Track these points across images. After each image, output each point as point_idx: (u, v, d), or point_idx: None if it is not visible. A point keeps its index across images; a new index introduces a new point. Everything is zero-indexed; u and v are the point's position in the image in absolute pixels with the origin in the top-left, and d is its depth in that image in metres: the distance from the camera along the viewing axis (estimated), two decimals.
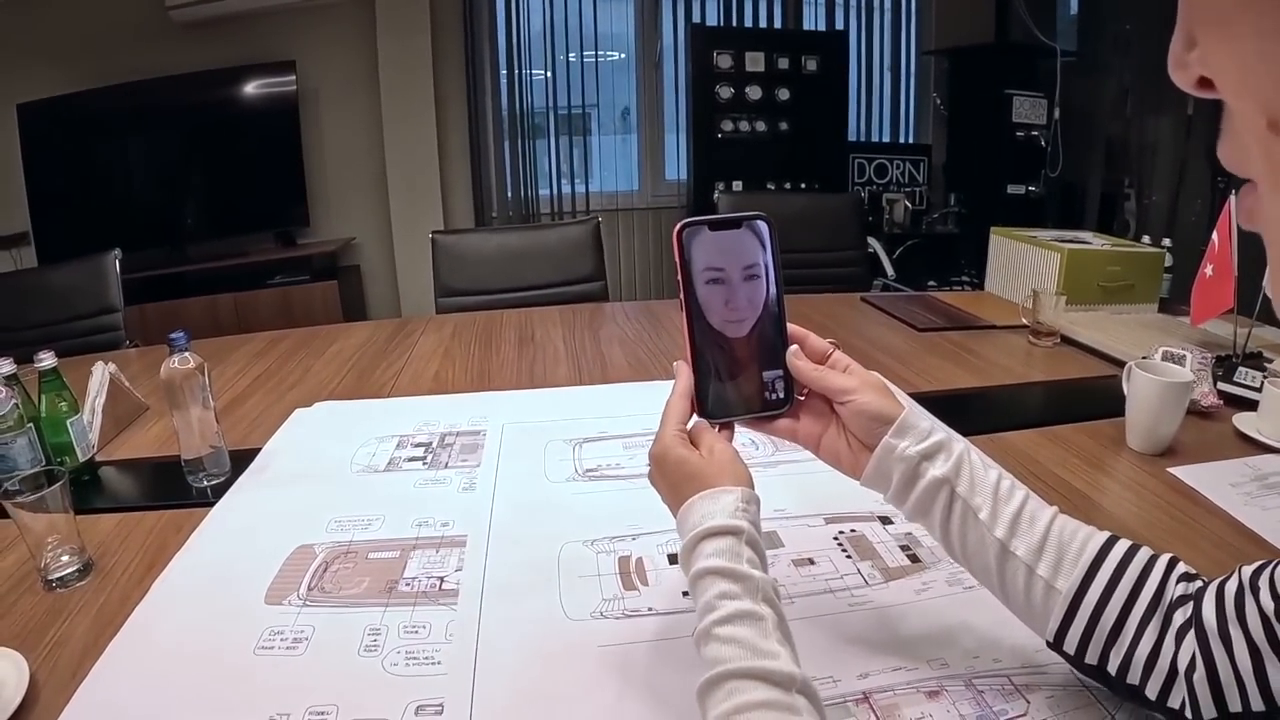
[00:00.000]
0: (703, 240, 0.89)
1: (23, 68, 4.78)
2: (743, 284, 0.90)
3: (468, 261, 2.99)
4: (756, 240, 0.90)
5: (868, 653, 0.94)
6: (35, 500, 1.11)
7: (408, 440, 1.60)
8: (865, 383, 0.88)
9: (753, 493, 0.83)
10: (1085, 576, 0.77)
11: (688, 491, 0.83)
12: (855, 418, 0.87)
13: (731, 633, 0.70)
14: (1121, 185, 4.91)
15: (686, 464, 0.85)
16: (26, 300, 2.83)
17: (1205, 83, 0.44)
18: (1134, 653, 0.74)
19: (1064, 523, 0.82)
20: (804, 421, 0.92)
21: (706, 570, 0.76)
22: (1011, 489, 0.83)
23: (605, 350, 2.20)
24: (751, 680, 0.67)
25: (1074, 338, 2.09)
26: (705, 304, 0.89)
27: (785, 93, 5.44)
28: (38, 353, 1.42)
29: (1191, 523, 1.22)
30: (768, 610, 0.72)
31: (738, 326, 0.90)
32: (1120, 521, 1.22)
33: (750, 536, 0.78)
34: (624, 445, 1.55)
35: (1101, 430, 1.55)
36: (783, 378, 0.91)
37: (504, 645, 0.98)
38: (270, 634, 1.02)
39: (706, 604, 0.74)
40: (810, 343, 0.92)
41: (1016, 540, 0.80)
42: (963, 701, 0.85)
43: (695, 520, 0.80)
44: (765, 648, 0.69)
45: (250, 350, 2.29)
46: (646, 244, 5.86)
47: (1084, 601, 0.76)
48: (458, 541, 1.22)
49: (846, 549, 1.17)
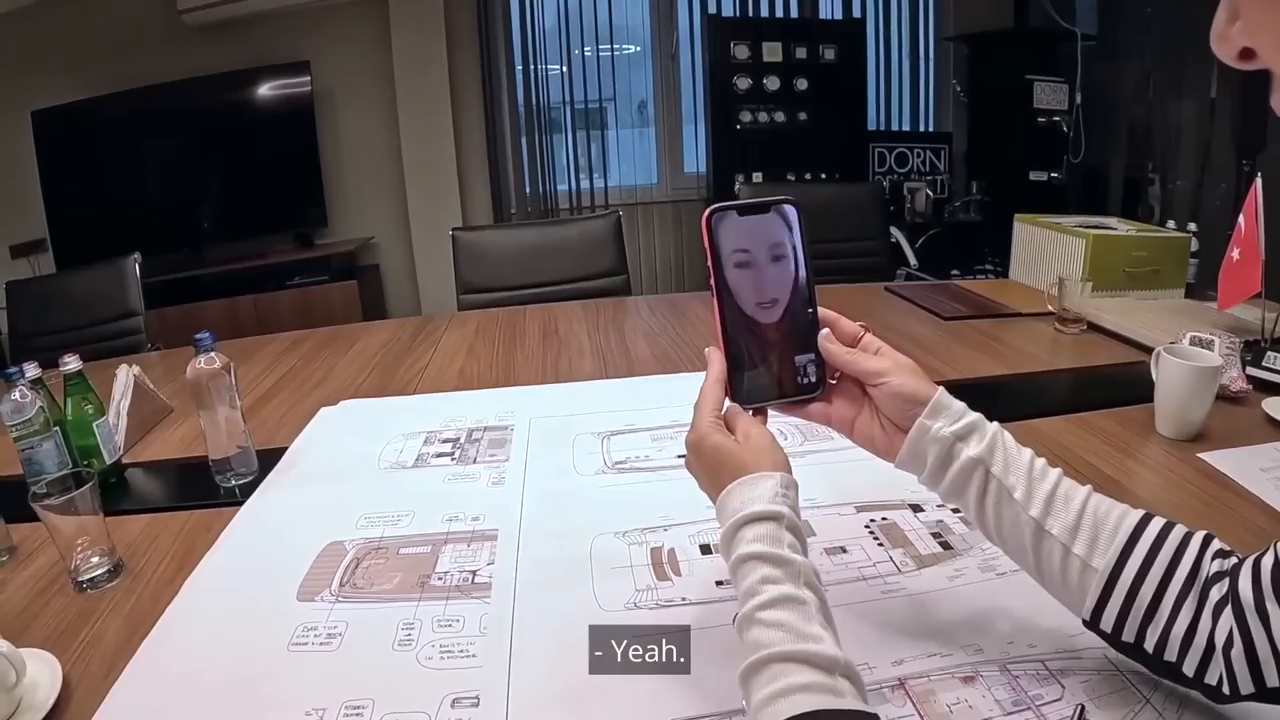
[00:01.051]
0: (731, 225, 0.89)
1: (36, 75, 4.81)
2: (770, 265, 0.90)
3: (489, 258, 2.99)
4: (784, 224, 0.90)
5: (902, 639, 0.94)
6: (64, 502, 1.12)
7: (435, 436, 1.60)
8: (898, 365, 0.88)
9: (791, 478, 0.83)
10: (1121, 554, 0.77)
11: (726, 478, 0.83)
12: (888, 400, 0.87)
13: (774, 617, 0.71)
14: (1145, 170, 4.85)
15: (723, 450, 0.85)
16: (47, 306, 2.86)
17: (1247, 53, 0.45)
18: (1171, 629, 0.74)
19: (1099, 501, 0.82)
20: (837, 405, 0.93)
21: (748, 555, 0.76)
22: (1045, 469, 0.83)
23: (630, 344, 2.20)
24: (795, 664, 0.67)
25: (1100, 324, 2.07)
26: (735, 288, 0.90)
27: (803, 82, 5.40)
28: (61, 357, 1.43)
29: (1224, 508, 1.21)
30: (810, 595, 0.73)
31: (768, 310, 0.91)
32: (1152, 506, 1.17)
33: (790, 522, 0.78)
34: (652, 438, 1.55)
35: (1131, 416, 1.54)
36: (814, 361, 0.92)
37: (538, 637, 0.99)
38: (304, 630, 1.02)
39: (748, 589, 0.74)
40: (841, 326, 0.92)
41: (1051, 519, 0.80)
42: (998, 687, 0.85)
43: (735, 506, 0.80)
44: (808, 631, 0.69)
45: (273, 351, 2.30)
46: (667, 237, 5.84)
47: (1120, 579, 0.76)
48: (489, 536, 1.23)
49: (878, 537, 1.17)
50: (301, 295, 4.98)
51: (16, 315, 2.89)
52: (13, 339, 2.87)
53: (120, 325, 2.83)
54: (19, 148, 4.77)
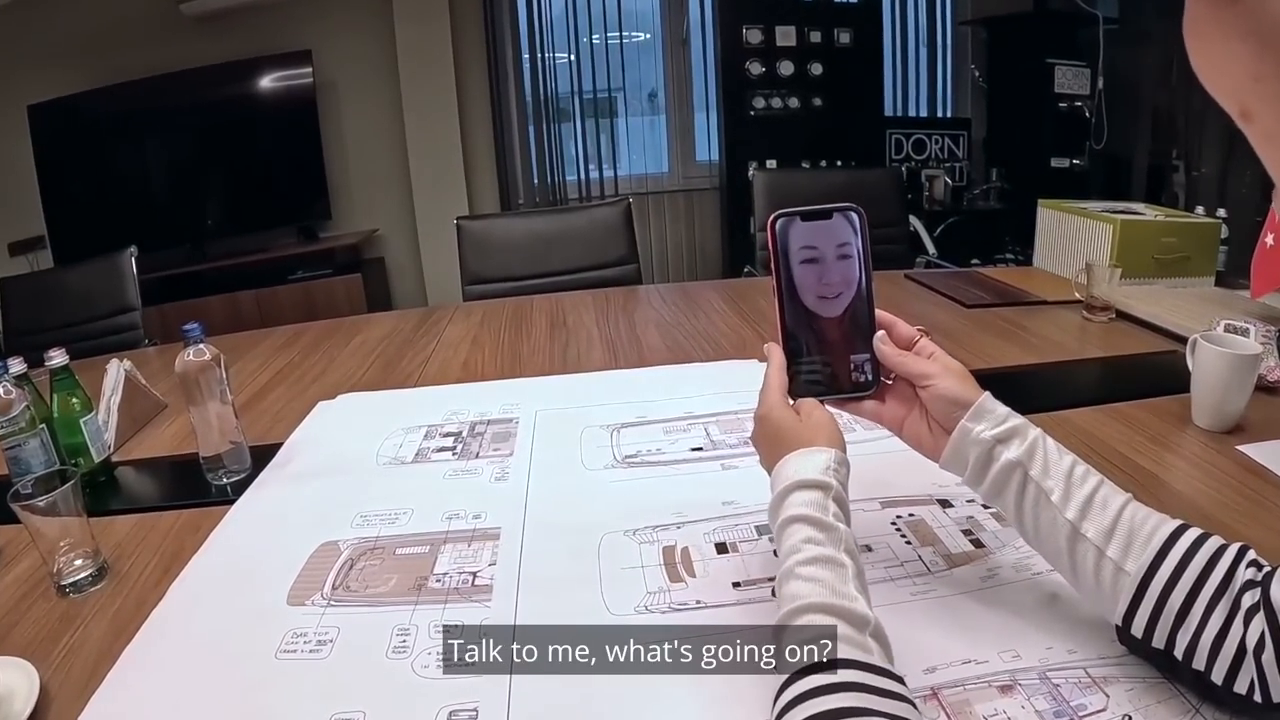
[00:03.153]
0: (796, 228, 0.97)
1: (32, 68, 4.80)
2: (836, 262, 0.97)
3: (495, 248, 2.96)
4: (849, 227, 0.97)
5: (934, 645, 0.90)
6: (46, 502, 1.08)
7: (436, 430, 1.57)
8: (946, 369, 0.93)
9: (844, 456, 0.89)
10: (1155, 559, 0.78)
11: (784, 450, 0.90)
12: (934, 401, 0.92)
13: (812, 573, 0.76)
14: (1169, 157, 4.80)
15: (787, 425, 0.92)
16: (43, 303, 2.84)
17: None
18: (1201, 635, 0.74)
19: (1136, 508, 0.83)
20: (889, 404, 0.99)
21: (794, 517, 0.82)
22: (1086, 475, 0.85)
23: (641, 334, 2.17)
24: (829, 615, 0.72)
25: (1129, 312, 2.03)
26: (800, 283, 0.97)
27: (818, 67, 5.37)
28: (47, 351, 1.39)
29: (1266, 502, 1.17)
30: (849, 560, 0.78)
31: (831, 305, 0.98)
32: (1191, 501, 1.19)
33: (838, 494, 0.84)
34: (664, 430, 1.51)
35: (1165, 407, 1.50)
36: (870, 361, 0.98)
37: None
38: (293, 636, 0.99)
39: (791, 547, 0.80)
40: (898, 329, 0.98)
41: (1087, 523, 0.82)
42: (1038, 696, 0.82)
43: (787, 474, 0.86)
44: (844, 590, 0.75)
45: (271, 344, 2.28)
46: (679, 227, 5.80)
47: (1152, 583, 0.78)
48: (491, 534, 1.19)
49: (905, 534, 1.13)
50: (304, 290, 4.96)
51: (11, 312, 2.86)
52: (7, 336, 2.84)
53: (117, 321, 2.81)
54: (16, 143, 4.76)
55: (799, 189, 3.41)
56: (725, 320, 2.25)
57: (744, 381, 1.59)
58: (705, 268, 5.79)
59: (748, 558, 1.10)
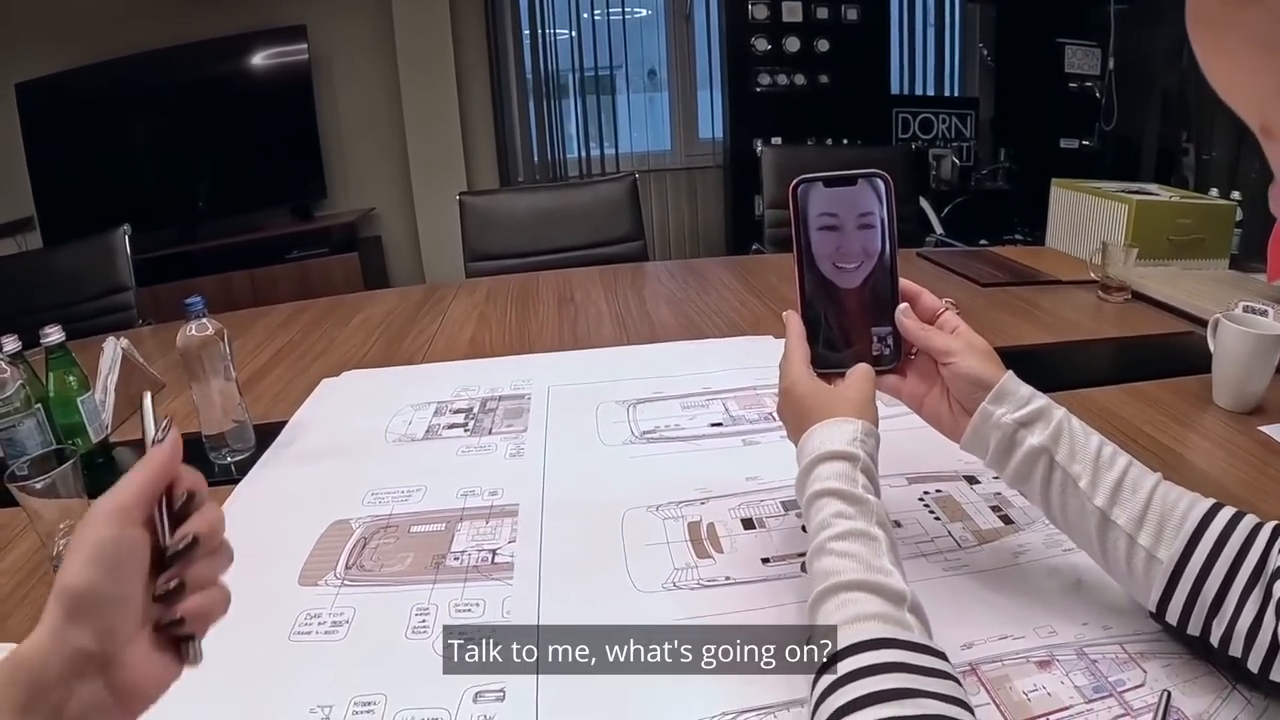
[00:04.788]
0: (818, 194, 0.94)
1: (20, 45, 4.76)
2: (856, 232, 0.94)
3: (498, 224, 2.94)
4: (873, 195, 0.93)
5: (970, 620, 0.89)
6: (44, 482, 1.05)
7: (446, 407, 1.55)
8: (969, 346, 0.91)
9: (873, 427, 0.86)
10: (1187, 546, 0.77)
11: (810, 421, 0.87)
12: (955, 380, 0.90)
13: (845, 548, 0.74)
14: (1179, 140, 4.77)
15: (812, 395, 0.89)
16: (31, 284, 2.80)
17: None
18: (1236, 623, 0.73)
19: (1166, 490, 0.82)
20: (910, 380, 0.96)
21: (822, 491, 0.79)
22: (1114, 456, 0.84)
23: (652, 309, 2.16)
24: (865, 592, 0.70)
25: (1145, 293, 2.02)
26: (818, 251, 0.95)
27: (824, 44, 5.34)
28: (43, 328, 1.37)
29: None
30: (881, 533, 0.76)
31: (850, 276, 0.95)
32: (1215, 481, 1.18)
33: (866, 465, 0.81)
34: (682, 405, 1.50)
35: (1185, 387, 1.50)
36: (892, 334, 0.95)
37: (568, 622, 0.92)
38: (306, 618, 0.96)
39: (821, 522, 0.78)
40: (923, 301, 0.96)
41: (1117, 509, 0.81)
42: (1076, 672, 0.81)
43: (814, 446, 0.84)
44: (878, 564, 0.72)
45: (271, 322, 2.25)
46: (681, 205, 5.78)
47: (1185, 571, 0.77)
48: (509, 511, 1.17)
49: (934, 510, 1.12)
50: (300, 269, 4.94)
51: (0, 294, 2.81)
52: None
53: (110, 301, 2.77)
54: (3, 122, 4.72)
55: (808, 166, 3.34)
56: (737, 296, 2.23)
57: (761, 357, 1.58)
58: (708, 247, 5.77)
59: (775, 533, 1.08)
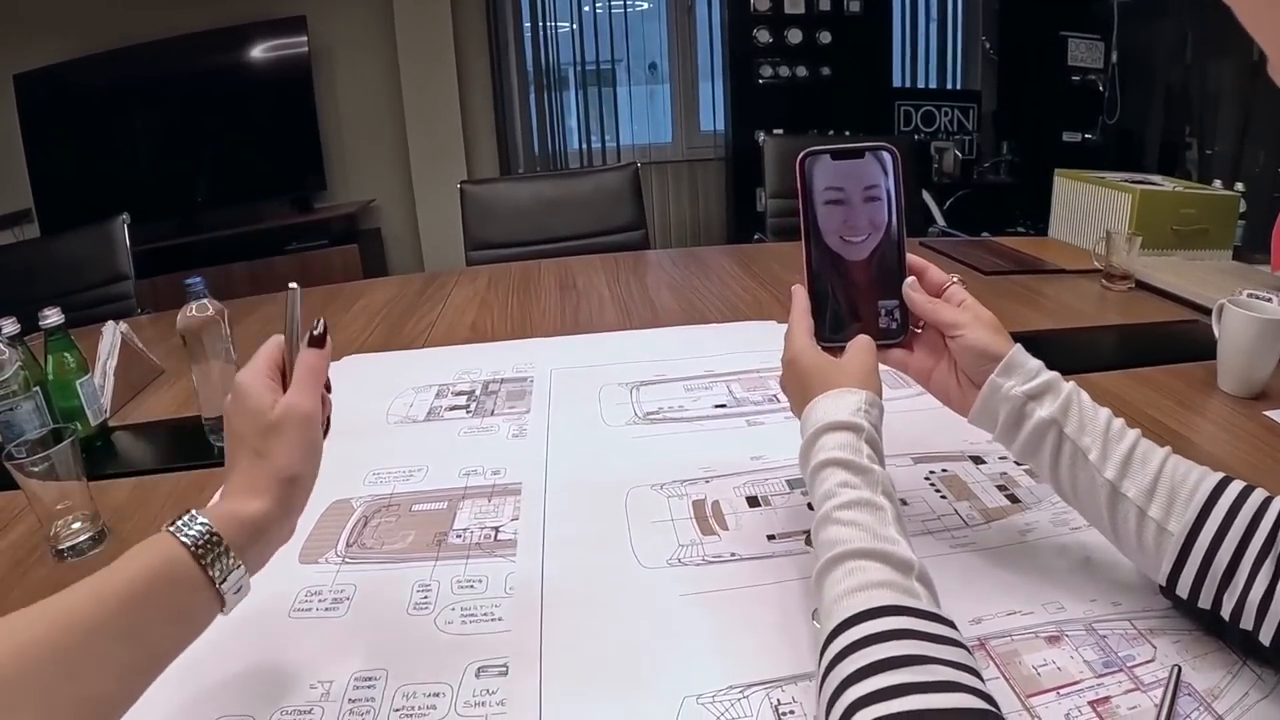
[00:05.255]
0: (824, 166, 0.94)
1: (18, 36, 4.76)
2: (863, 205, 0.94)
3: (499, 213, 2.94)
4: (880, 168, 0.94)
5: (978, 596, 0.89)
6: (41, 460, 1.05)
7: (448, 389, 1.55)
8: (977, 319, 0.90)
9: (876, 397, 0.85)
10: (1198, 517, 0.77)
11: (813, 393, 0.87)
12: (963, 353, 0.90)
13: (851, 516, 0.74)
14: (1182, 134, 4.77)
15: (816, 367, 0.89)
16: (31, 273, 2.79)
17: None
18: (1247, 596, 0.72)
19: (1176, 463, 0.81)
20: (917, 354, 0.97)
21: (827, 461, 0.79)
22: (1123, 430, 0.84)
23: (654, 295, 2.15)
24: (872, 560, 0.70)
25: (1149, 282, 2.02)
26: (824, 224, 0.95)
27: (827, 36, 5.35)
28: (42, 311, 1.37)
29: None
30: (886, 502, 0.75)
31: (856, 249, 0.95)
32: (1222, 464, 1.16)
33: (870, 436, 0.81)
34: (685, 387, 1.50)
35: (1190, 373, 1.50)
36: (899, 307, 0.95)
37: (572, 597, 0.93)
38: (307, 595, 0.96)
39: (826, 492, 0.77)
40: (930, 275, 0.96)
41: (1127, 481, 0.80)
42: (1085, 647, 0.81)
43: (818, 416, 0.84)
44: (884, 533, 0.72)
45: (271, 310, 2.24)
46: (683, 198, 5.79)
47: (1196, 543, 0.76)
48: (511, 490, 1.17)
49: (940, 489, 1.12)
50: (299, 260, 4.94)
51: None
52: None
53: (109, 290, 2.77)
54: (1, 114, 4.72)
55: None
56: (739, 282, 2.23)
57: (765, 341, 1.58)
58: (709, 241, 5.75)
59: (780, 510, 1.08)
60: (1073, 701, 0.74)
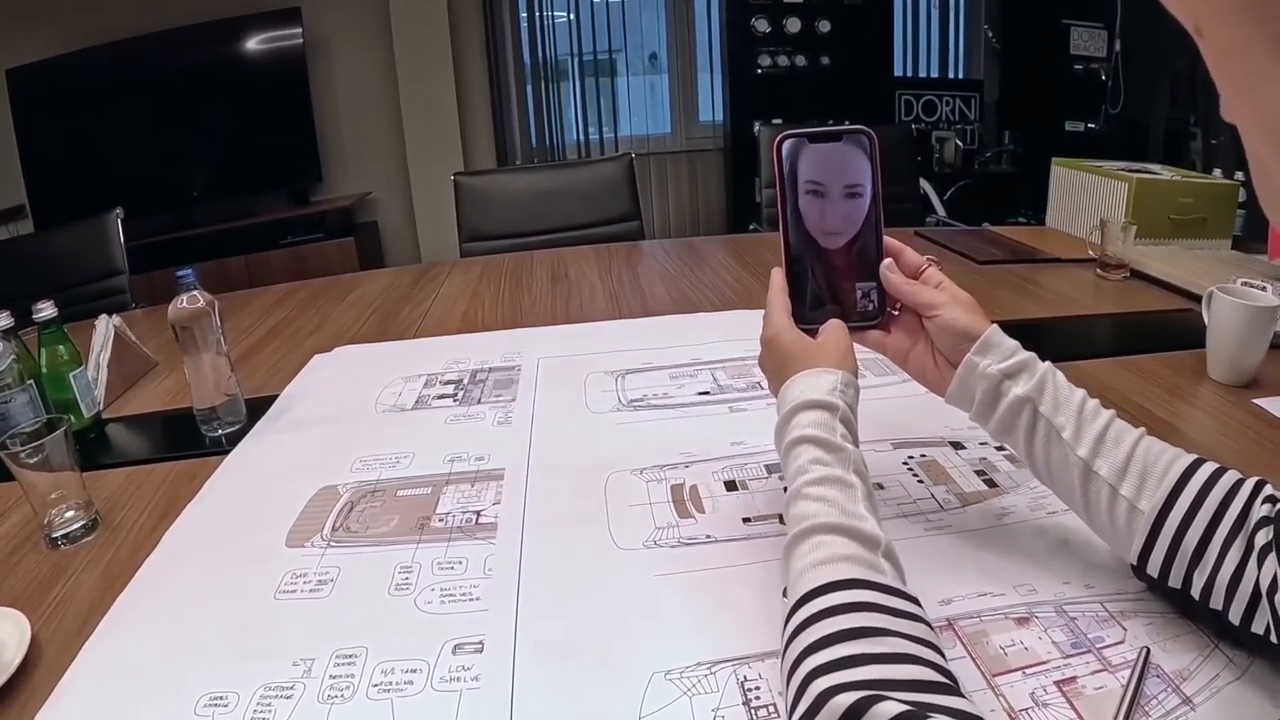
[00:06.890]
0: (804, 152, 0.95)
1: (11, 30, 4.78)
2: (842, 200, 0.95)
3: (494, 204, 2.96)
4: (858, 152, 0.95)
5: (949, 578, 0.91)
6: (35, 449, 1.08)
7: (436, 379, 1.58)
8: (954, 299, 0.93)
9: (853, 378, 0.88)
10: (1169, 497, 0.78)
11: (790, 372, 0.89)
12: (940, 333, 0.92)
13: (822, 493, 0.76)
14: (1187, 123, 4.75)
15: (795, 346, 0.91)
16: (24, 268, 2.81)
17: None
18: (1217, 574, 0.74)
19: (1150, 444, 0.83)
20: (894, 335, 0.98)
21: (801, 438, 0.81)
22: (1097, 410, 0.85)
23: (645, 286, 2.17)
24: (839, 535, 0.72)
25: (1145, 271, 2.02)
26: (804, 211, 0.96)
27: (826, 24, 5.35)
28: (35, 304, 1.40)
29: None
30: (857, 480, 0.77)
31: (834, 237, 0.96)
32: (1209, 452, 1.17)
33: (844, 415, 0.83)
34: (671, 375, 1.52)
35: (1180, 361, 1.51)
36: (877, 289, 0.97)
37: (549, 578, 0.96)
38: (292, 577, 0.99)
39: (798, 468, 0.79)
40: (906, 257, 0.97)
41: (1100, 460, 0.82)
42: (1055, 629, 0.83)
43: (793, 395, 0.86)
44: (854, 510, 0.74)
45: (266, 302, 2.27)
46: (681, 189, 5.80)
47: (1167, 522, 0.77)
48: (494, 475, 1.20)
49: (918, 474, 1.14)
50: (295, 254, 4.95)
51: None
52: None
53: (103, 285, 2.79)
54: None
55: None
56: (731, 273, 2.25)
57: (751, 330, 1.54)
58: (708, 231, 5.77)
59: (758, 495, 1.11)
60: (1038, 681, 0.76)
